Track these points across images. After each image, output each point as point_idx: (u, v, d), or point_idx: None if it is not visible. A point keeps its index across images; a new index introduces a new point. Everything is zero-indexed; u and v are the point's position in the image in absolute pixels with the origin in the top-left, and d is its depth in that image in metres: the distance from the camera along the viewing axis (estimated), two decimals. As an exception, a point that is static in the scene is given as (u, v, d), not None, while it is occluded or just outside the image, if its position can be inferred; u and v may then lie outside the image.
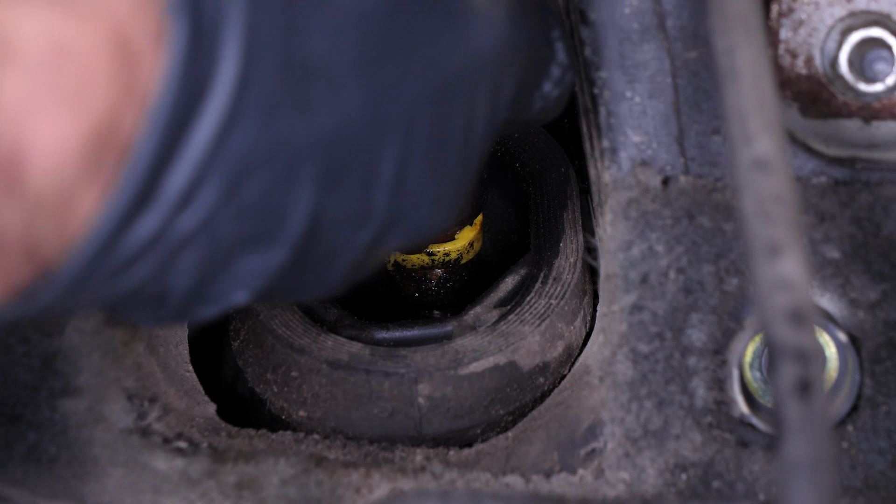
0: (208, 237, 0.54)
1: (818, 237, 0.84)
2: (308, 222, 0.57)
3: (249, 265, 0.58)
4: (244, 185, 0.54)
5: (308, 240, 0.58)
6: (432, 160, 0.62)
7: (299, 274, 0.60)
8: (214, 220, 0.54)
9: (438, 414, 0.92)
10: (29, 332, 0.87)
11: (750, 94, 0.61)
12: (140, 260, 0.53)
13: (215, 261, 0.56)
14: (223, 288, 0.58)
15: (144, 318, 0.60)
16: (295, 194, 0.56)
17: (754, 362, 0.84)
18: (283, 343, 0.93)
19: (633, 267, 0.85)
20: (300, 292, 0.64)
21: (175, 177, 0.51)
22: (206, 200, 0.53)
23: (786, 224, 0.58)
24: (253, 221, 0.55)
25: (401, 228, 0.63)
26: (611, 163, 0.86)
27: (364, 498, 0.84)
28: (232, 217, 0.54)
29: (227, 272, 0.57)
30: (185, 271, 0.55)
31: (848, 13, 0.82)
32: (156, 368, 0.91)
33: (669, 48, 0.84)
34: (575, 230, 1.01)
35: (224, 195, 0.53)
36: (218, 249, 0.55)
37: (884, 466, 0.83)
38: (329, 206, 0.58)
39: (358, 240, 0.62)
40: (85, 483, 0.86)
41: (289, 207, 0.56)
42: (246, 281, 0.58)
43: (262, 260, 0.58)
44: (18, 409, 0.87)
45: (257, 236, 0.56)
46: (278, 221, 0.57)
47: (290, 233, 0.57)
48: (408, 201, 0.62)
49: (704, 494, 0.83)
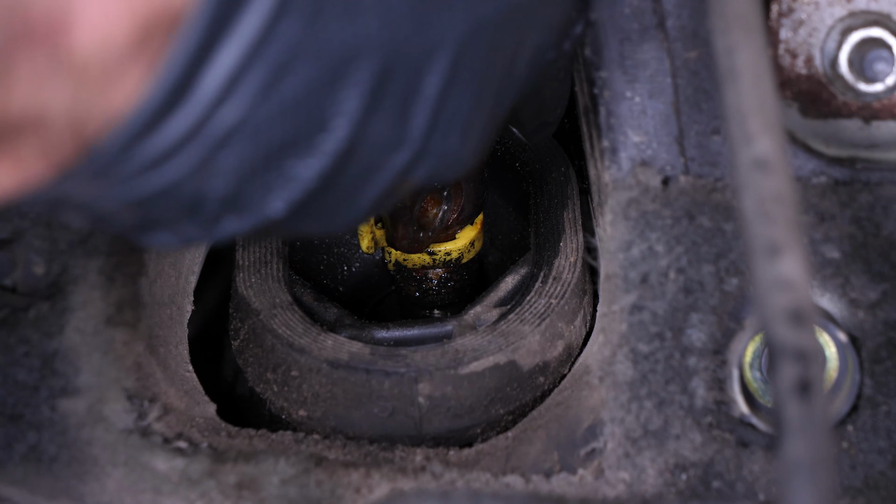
0: (250, 133, 0.54)
1: (818, 237, 0.84)
2: (350, 129, 0.57)
3: (289, 170, 0.57)
4: (288, 80, 0.53)
5: (348, 151, 0.58)
6: (474, 88, 0.61)
7: (333, 191, 0.60)
8: (256, 115, 0.53)
9: (438, 413, 0.92)
10: (29, 332, 0.87)
11: (750, 94, 0.61)
12: (180, 151, 0.53)
13: (255, 161, 0.55)
14: (260, 194, 0.57)
15: (174, 231, 0.59)
16: (339, 99, 0.56)
17: (754, 362, 0.84)
18: (283, 342, 0.93)
19: (633, 267, 0.85)
20: (329, 216, 0.63)
21: (220, 62, 0.51)
22: (250, 91, 0.52)
23: (786, 224, 0.58)
24: (295, 122, 0.55)
25: (432, 156, 0.62)
26: (611, 163, 0.86)
27: (364, 498, 0.84)
28: (274, 114, 0.54)
29: (266, 175, 0.56)
30: (224, 171, 0.55)
31: (848, 13, 0.82)
32: (156, 368, 0.91)
33: (669, 48, 0.84)
34: (575, 230, 1.01)
35: (267, 87, 0.53)
36: (258, 148, 0.55)
37: (884, 466, 0.83)
38: (371, 118, 0.57)
39: (392, 163, 0.61)
40: (85, 483, 0.86)
41: (331, 112, 0.56)
42: (283, 188, 0.57)
43: (301, 166, 0.57)
44: (18, 409, 0.87)
45: (299, 139, 0.56)
46: (320, 125, 0.56)
47: (331, 139, 0.57)
48: (444, 126, 0.61)
49: (704, 494, 0.83)
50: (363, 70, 0.56)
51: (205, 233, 0.59)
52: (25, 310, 0.88)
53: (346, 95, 0.56)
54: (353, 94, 0.56)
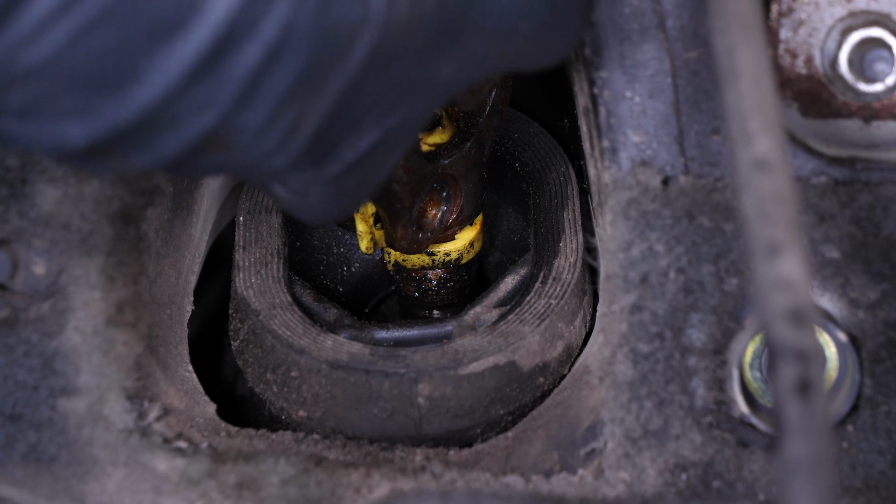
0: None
1: (818, 237, 0.84)
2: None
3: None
4: (97, 29, 0.54)
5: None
6: (295, 76, 0.60)
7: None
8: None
9: (438, 414, 0.92)
10: (29, 332, 0.87)
11: (750, 94, 0.61)
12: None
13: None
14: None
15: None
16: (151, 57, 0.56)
17: (754, 362, 0.84)
18: (283, 343, 0.93)
19: (633, 267, 0.85)
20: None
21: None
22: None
23: (786, 224, 0.58)
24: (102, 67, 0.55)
25: (235, 133, 0.61)
26: (611, 163, 0.86)
27: (364, 498, 0.84)
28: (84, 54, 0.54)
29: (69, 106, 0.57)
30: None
31: (848, 13, 0.82)
32: (156, 368, 0.91)
33: (669, 48, 0.84)
34: (575, 230, 1.01)
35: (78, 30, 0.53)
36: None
37: (884, 466, 0.83)
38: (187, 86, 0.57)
39: (197, 123, 0.60)
40: (85, 483, 0.86)
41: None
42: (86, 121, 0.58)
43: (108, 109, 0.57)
44: (18, 409, 0.87)
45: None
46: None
47: (142, 95, 0.57)
48: (259, 107, 0.60)
49: (704, 494, 0.83)
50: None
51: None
52: (25, 310, 0.88)
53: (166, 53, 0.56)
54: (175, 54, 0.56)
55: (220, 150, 0.62)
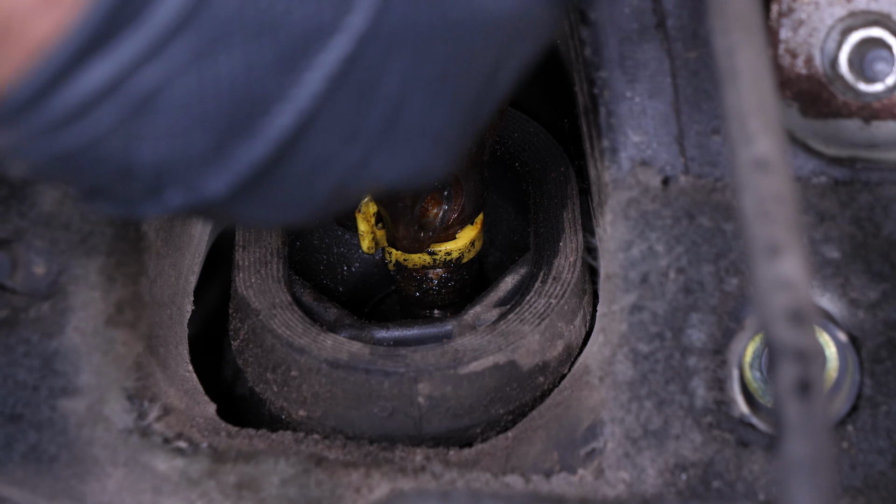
0: (179, 102, 0.52)
1: (818, 237, 0.84)
2: (296, 119, 0.55)
3: (228, 151, 0.55)
4: (224, 54, 0.52)
5: (295, 140, 0.56)
6: (444, 94, 0.60)
7: (281, 178, 0.58)
8: (185, 84, 0.52)
9: (438, 413, 0.92)
10: (29, 332, 0.87)
11: (750, 94, 0.61)
12: (98, 107, 0.52)
13: (187, 133, 0.54)
14: (197, 171, 0.56)
15: (117, 199, 0.58)
16: (281, 84, 0.54)
17: (754, 362, 0.84)
18: (283, 343, 0.93)
19: (633, 267, 0.85)
20: (281, 202, 0.61)
21: (148, 21, 0.50)
22: (177, 57, 0.51)
23: (786, 224, 0.58)
24: (233, 101, 0.53)
25: (392, 155, 0.60)
26: (611, 163, 0.86)
27: (364, 498, 0.84)
28: (205, 86, 0.52)
29: (202, 152, 0.55)
30: (151, 136, 0.53)
31: (848, 13, 0.82)
32: (156, 368, 0.91)
33: (669, 48, 0.84)
34: (574, 230, 1.01)
35: (199, 57, 0.52)
36: (190, 120, 0.53)
37: (884, 466, 0.83)
38: (322, 108, 0.56)
39: (346, 156, 0.59)
40: (85, 483, 0.86)
41: (272, 96, 0.54)
42: (223, 169, 0.56)
43: (242, 148, 0.55)
44: (18, 409, 0.87)
45: (237, 120, 0.54)
46: (261, 109, 0.54)
47: (274, 126, 0.55)
48: (407, 128, 0.60)
49: (704, 494, 0.83)
50: (328, 52, 0.54)
51: (150, 204, 0.57)
52: (25, 310, 0.88)
53: (288, 79, 0.54)
54: (310, 77, 0.54)
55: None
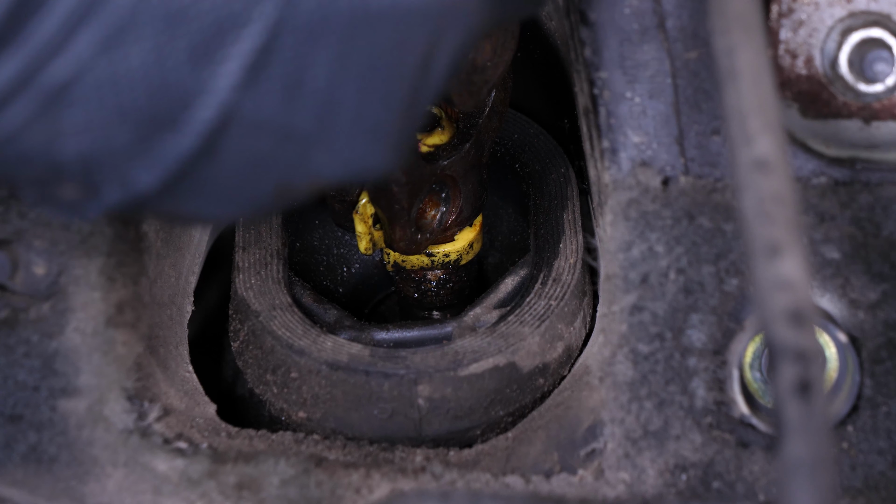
0: (94, 94, 0.52)
1: (818, 237, 0.84)
2: (218, 111, 0.54)
3: (153, 144, 0.55)
4: (133, 45, 0.52)
5: (222, 134, 0.55)
6: (375, 87, 0.58)
7: (216, 172, 0.57)
8: (97, 75, 0.52)
9: (438, 415, 0.92)
10: (29, 332, 0.87)
11: (750, 94, 0.61)
12: (12, 100, 0.52)
13: (109, 126, 0.53)
14: (125, 165, 0.55)
15: (54, 198, 0.57)
16: (199, 75, 0.53)
17: (754, 362, 0.84)
18: (283, 344, 0.93)
19: (633, 267, 0.85)
20: (220, 197, 0.60)
21: (52, 12, 0.50)
22: (81, 48, 0.51)
23: (786, 224, 0.58)
24: (150, 93, 0.53)
25: (329, 152, 0.59)
26: (611, 163, 0.86)
27: (364, 498, 0.84)
28: (121, 80, 0.52)
29: (127, 146, 0.54)
30: (71, 131, 0.53)
31: (848, 13, 0.82)
32: (156, 368, 0.91)
33: (669, 48, 0.84)
34: (575, 231, 1.01)
35: (107, 48, 0.51)
36: (109, 113, 0.53)
37: (884, 466, 0.83)
38: (246, 102, 0.55)
39: (282, 153, 0.58)
40: (85, 483, 0.86)
41: (191, 88, 0.53)
42: (150, 162, 0.55)
43: (167, 142, 0.55)
44: (18, 409, 0.87)
45: (158, 113, 0.54)
46: (182, 101, 0.54)
47: (197, 119, 0.54)
48: (341, 123, 0.58)
49: (704, 495, 0.83)
50: (242, 43, 0.53)
51: (90, 203, 0.57)
52: (25, 310, 0.88)
53: (215, 71, 0.54)
54: (225, 69, 0.54)
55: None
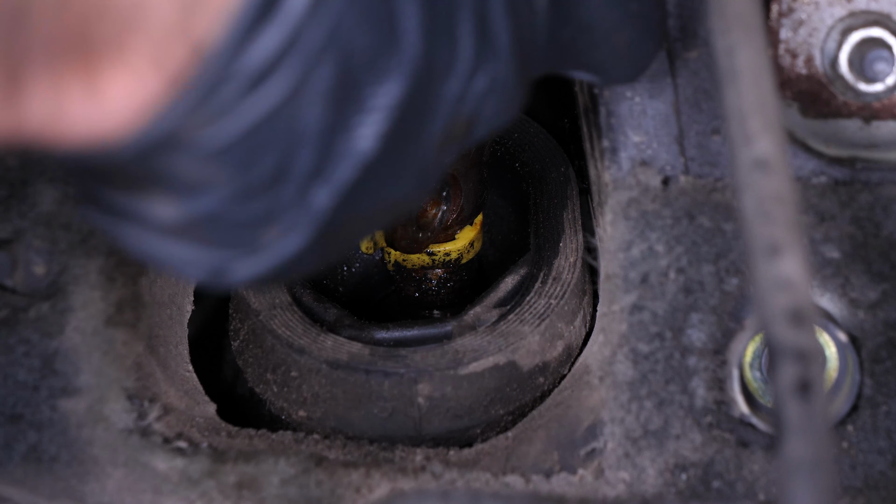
0: (342, 44, 0.52)
1: (818, 237, 0.84)
2: (420, 46, 0.56)
3: (369, 100, 0.55)
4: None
5: (419, 74, 0.57)
6: (506, 6, 0.61)
7: (408, 123, 0.58)
8: (346, 20, 0.52)
9: (438, 414, 0.92)
10: (29, 332, 0.87)
11: (750, 94, 0.61)
12: (282, 65, 0.51)
13: (343, 84, 0.54)
14: (347, 135, 0.55)
15: (268, 234, 0.57)
16: (399, 11, 0.55)
17: (754, 362, 0.84)
18: (283, 343, 0.93)
19: (633, 267, 0.85)
20: (404, 167, 0.61)
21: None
22: (336, 7, 0.52)
23: (786, 224, 0.58)
24: (376, 32, 0.54)
25: (483, 76, 0.61)
26: (611, 163, 0.86)
27: (364, 498, 0.84)
28: (359, 19, 0.53)
29: (351, 104, 0.55)
30: (319, 94, 0.53)
31: (848, 13, 0.82)
32: (156, 368, 0.91)
33: (669, 48, 0.84)
34: (575, 230, 1.01)
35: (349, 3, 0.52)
36: (347, 65, 0.53)
37: (884, 466, 0.83)
38: (432, 33, 0.57)
39: (448, 89, 0.60)
40: (85, 483, 0.86)
41: (401, 22, 0.55)
42: (368, 120, 0.56)
43: (381, 94, 0.56)
44: (18, 409, 0.87)
45: (377, 56, 0.55)
46: (394, 39, 0.55)
47: (405, 56, 0.56)
48: (488, 44, 0.61)
49: (704, 494, 0.83)
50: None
51: (294, 220, 0.57)
52: (25, 310, 0.88)
53: (405, 8, 0.55)
54: (409, 6, 0.55)
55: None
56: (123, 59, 0.48)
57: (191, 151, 0.52)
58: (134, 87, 0.49)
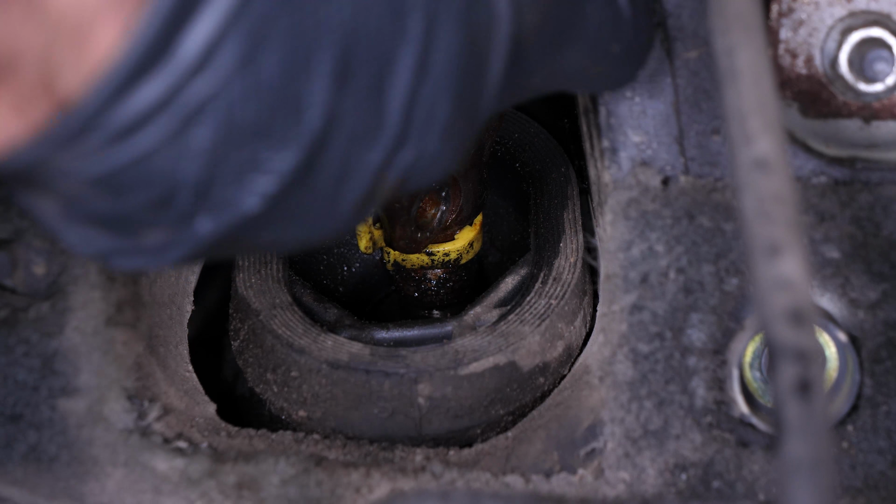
0: (224, 111, 0.53)
1: (818, 237, 0.84)
2: (323, 120, 0.56)
3: (263, 162, 0.55)
4: (262, 56, 0.52)
5: (322, 143, 0.57)
6: (448, 83, 0.60)
7: (310, 190, 0.58)
8: (231, 90, 0.52)
9: (438, 414, 0.92)
10: (29, 332, 0.87)
11: (750, 94, 0.61)
12: (152, 120, 0.51)
13: (229, 144, 0.54)
14: (234, 186, 0.56)
15: (148, 239, 0.57)
16: (312, 84, 0.55)
17: (754, 362, 0.84)
18: (283, 343, 0.93)
19: (633, 267, 0.85)
20: (310, 218, 0.61)
21: (199, 25, 0.50)
22: (225, 63, 0.51)
23: (786, 224, 0.58)
24: (270, 106, 0.54)
25: (411, 149, 0.61)
26: (611, 163, 0.86)
27: (364, 498, 0.84)
28: (250, 94, 0.53)
29: (240, 164, 0.55)
30: (196, 152, 0.53)
31: (848, 13, 0.82)
32: (156, 368, 0.91)
33: (669, 48, 0.84)
34: (575, 230, 1.01)
35: (242, 61, 0.52)
36: (232, 130, 0.53)
37: (884, 466, 0.83)
38: (344, 107, 0.56)
39: (370, 160, 0.60)
40: (85, 483, 0.86)
41: (305, 98, 0.55)
42: (258, 181, 0.56)
43: (276, 159, 0.56)
44: (18, 409, 0.87)
45: (273, 127, 0.54)
46: (294, 112, 0.55)
47: (305, 129, 0.55)
48: (420, 120, 0.60)
49: (704, 494, 0.83)
50: (334, 54, 0.55)
51: (177, 237, 0.57)
52: (25, 310, 0.88)
53: (319, 81, 0.55)
54: (326, 80, 0.55)
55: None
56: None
57: (61, 176, 0.54)
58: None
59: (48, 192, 0.56)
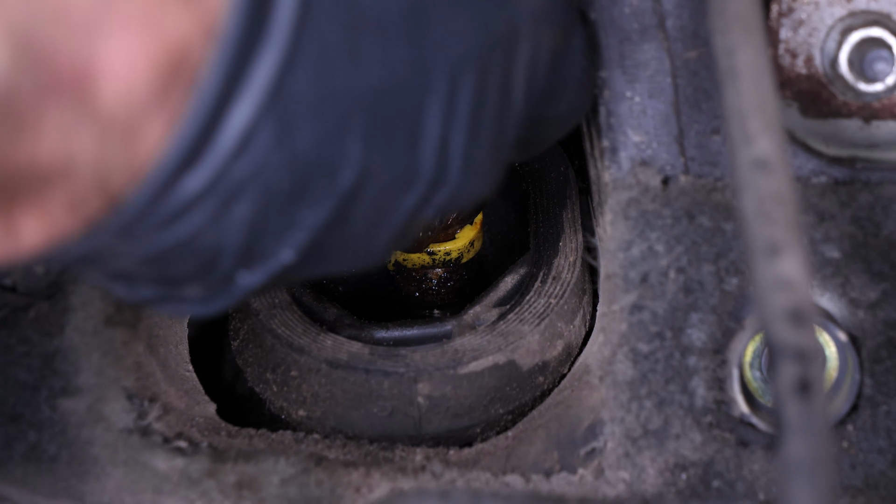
0: (262, 185, 0.54)
1: (818, 237, 0.84)
2: (356, 177, 0.57)
3: (298, 219, 0.57)
4: (297, 132, 0.53)
5: (353, 196, 0.58)
6: (473, 122, 0.62)
7: (344, 235, 0.60)
8: (268, 168, 0.53)
9: (438, 413, 0.92)
10: (29, 332, 0.87)
11: (750, 94, 0.61)
12: (197, 205, 0.53)
13: (267, 212, 0.55)
14: (271, 245, 0.57)
15: (191, 292, 0.59)
16: (344, 148, 0.56)
17: (754, 362, 0.84)
18: (283, 342, 0.93)
19: (633, 266, 0.85)
20: (345, 257, 0.63)
21: (237, 114, 0.51)
22: (262, 144, 0.53)
23: (786, 224, 0.58)
24: (305, 172, 0.55)
25: (447, 188, 0.63)
26: (611, 162, 0.86)
27: (364, 497, 0.84)
28: (285, 166, 0.54)
29: (277, 226, 0.57)
30: (237, 223, 0.55)
31: (848, 13, 0.82)
32: (156, 368, 0.91)
33: (669, 48, 0.84)
34: (574, 229, 1.01)
35: (278, 140, 0.53)
36: (270, 199, 0.55)
37: (884, 466, 0.83)
38: (376, 162, 0.58)
39: (404, 203, 0.61)
40: (85, 482, 0.86)
41: (338, 161, 0.56)
42: (293, 237, 0.58)
43: (309, 215, 0.57)
44: (18, 408, 0.87)
45: (308, 189, 0.56)
46: (328, 175, 0.56)
47: (338, 187, 0.57)
48: (455, 162, 0.62)
49: (704, 494, 0.83)
50: (366, 117, 0.56)
51: (223, 287, 0.59)
52: (25, 310, 0.88)
53: (352, 143, 0.56)
54: (358, 142, 0.56)
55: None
56: (41, 207, 0.50)
57: (111, 257, 0.55)
58: (47, 228, 0.51)
59: (97, 269, 0.57)
